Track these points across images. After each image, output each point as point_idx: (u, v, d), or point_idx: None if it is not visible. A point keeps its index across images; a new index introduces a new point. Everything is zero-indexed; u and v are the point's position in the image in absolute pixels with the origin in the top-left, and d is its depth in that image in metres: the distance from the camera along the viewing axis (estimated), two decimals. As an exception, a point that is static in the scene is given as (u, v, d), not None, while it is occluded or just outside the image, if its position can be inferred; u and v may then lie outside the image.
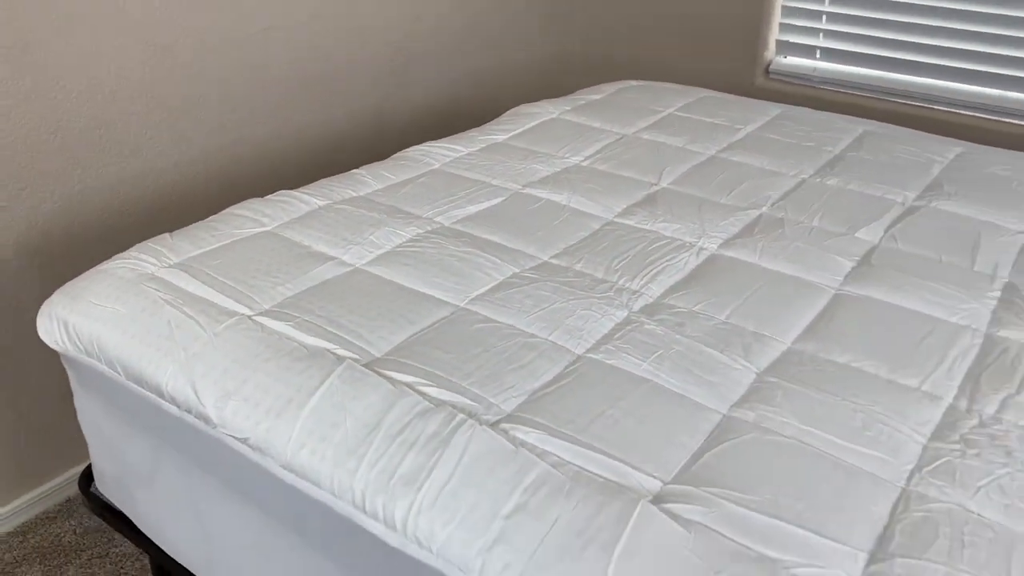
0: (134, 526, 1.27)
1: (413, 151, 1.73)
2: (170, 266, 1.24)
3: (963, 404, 1.03)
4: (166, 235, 1.33)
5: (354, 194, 1.53)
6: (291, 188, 1.99)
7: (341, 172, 2.13)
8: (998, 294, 1.26)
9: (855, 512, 0.86)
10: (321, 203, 1.48)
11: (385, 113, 2.22)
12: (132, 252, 1.27)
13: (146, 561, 1.59)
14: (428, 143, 1.77)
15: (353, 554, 0.95)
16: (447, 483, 0.88)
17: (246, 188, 1.93)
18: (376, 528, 0.89)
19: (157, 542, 1.23)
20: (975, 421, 1.00)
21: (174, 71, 1.70)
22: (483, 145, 1.78)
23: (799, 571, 0.78)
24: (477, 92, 2.51)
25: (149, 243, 1.30)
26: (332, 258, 1.30)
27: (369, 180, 1.59)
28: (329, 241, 1.34)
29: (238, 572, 1.12)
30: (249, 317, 1.13)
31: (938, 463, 0.92)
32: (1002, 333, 1.17)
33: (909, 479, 0.91)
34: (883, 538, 0.83)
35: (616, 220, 1.47)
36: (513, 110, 1.99)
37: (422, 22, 2.23)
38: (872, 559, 0.81)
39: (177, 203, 1.79)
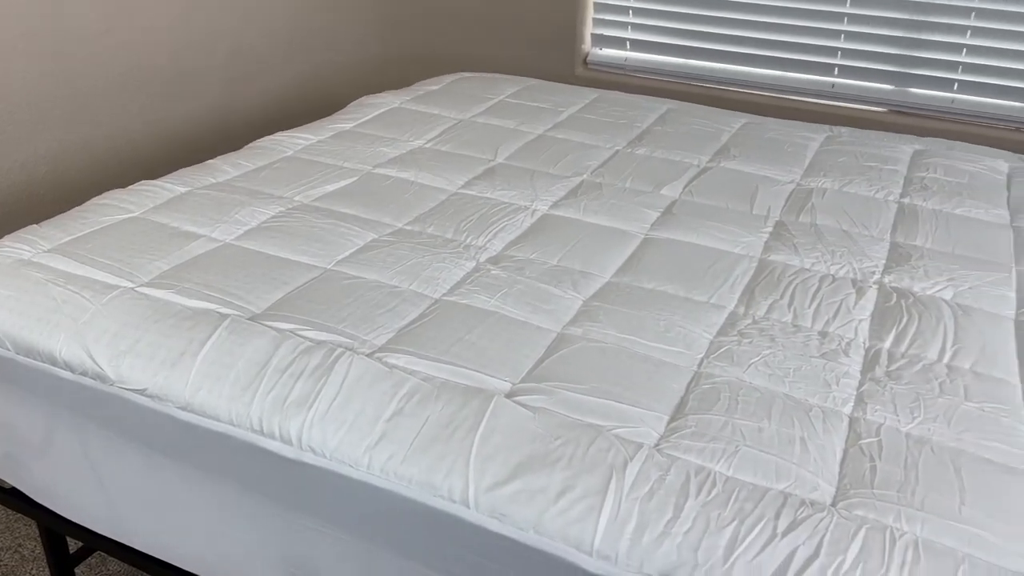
0: (25, 499, 1.35)
1: (265, 141, 1.87)
2: (45, 251, 1.34)
3: (741, 310, 1.33)
4: (34, 226, 1.41)
5: (213, 180, 1.66)
6: (142, 185, 2.06)
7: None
8: (770, 230, 1.59)
9: (660, 390, 1.12)
10: (183, 190, 1.60)
11: (230, 110, 2.32)
12: (4, 242, 1.35)
13: (24, 552, 1.64)
14: (279, 133, 1.91)
15: (253, 474, 1.10)
16: (333, 401, 1.06)
17: (96, 185, 1.99)
18: (274, 446, 1.06)
19: (55, 509, 1.32)
20: (749, 320, 1.30)
21: (15, 74, 1.75)
22: (332, 133, 1.95)
23: (618, 430, 1.03)
24: (317, 88, 2.65)
25: (20, 233, 1.38)
26: (201, 236, 1.43)
27: (226, 168, 1.72)
28: (196, 221, 1.47)
29: (140, 519, 1.24)
30: (132, 289, 1.25)
31: (721, 351, 1.21)
32: (772, 257, 1.49)
33: (700, 364, 1.19)
34: (680, 405, 1.10)
35: (460, 191, 1.69)
36: (357, 101, 2.17)
37: (254, 25, 2.36)
38: (672, 419, 1.07)
39: (26, 202, 1.83)
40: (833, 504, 0.95)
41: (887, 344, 1.25)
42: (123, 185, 2.04)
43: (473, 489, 0.97)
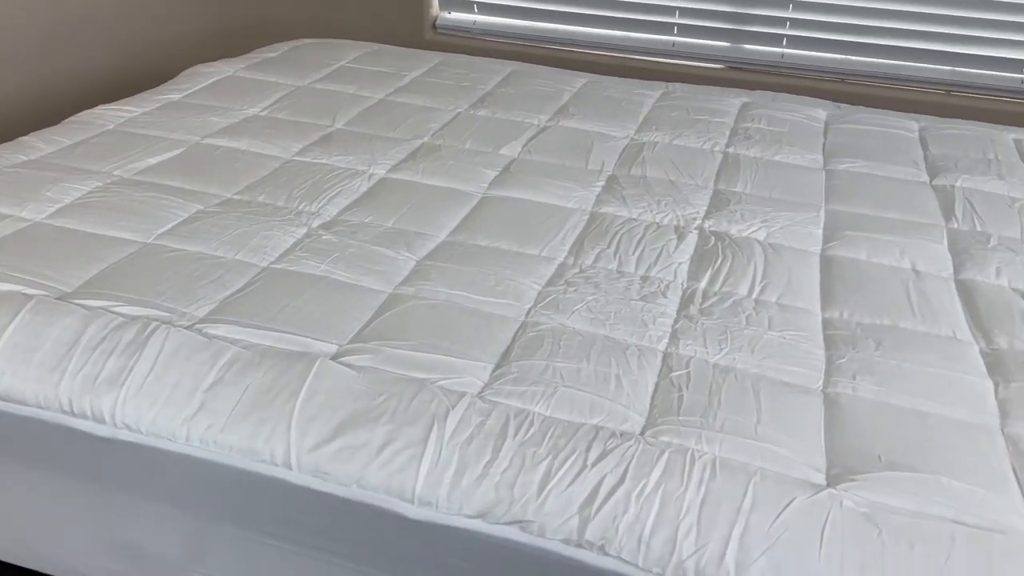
0: None
1: (85, 115, 1.78)
2: None
3: (571, 261, 1.38)
4: None
5: (24, 158, 1.56)
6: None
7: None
8: (602, 183, 1.65)
9: (487, 341, 1.15)
10: (-12, 169, 1.50)
11: (51, 88, 2.19)
12: None
13: None
14: (100, 106, 1.82)
15: (69, 457, 1.07)
16: (148, 375, 1.04)
17: None
18: (86, 426, 1.03)
19: None
20: (577, 270, 1.35)
21: None
22: (158, 104, 1.87)
23: (442, 382, 1.06)
24: (149, 63, 2.53)
25: None
26: (7, 216, 1.36)
27: (39, 145, 1.62)
28: (3, 201, 1.39)
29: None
30: (-76, 275, 1.18)
31: (548, 300, 1.25)
32: (602, 210, 1.55)
33: (527, 314, 1.23)
34: (505, 353, 1.13)
35: (294, 159, 1.67)
36: (188, 70, 2.09)
37: (78, -11, 2.22)
38: (497, 367, 1.11)
39: None
40: (642, 433, 1.01)
41: (703, 284, 1.33)
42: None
43: (295, 451, 0.98)
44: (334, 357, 1.09)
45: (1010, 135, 1.98)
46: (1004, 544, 0.86)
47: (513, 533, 0.93)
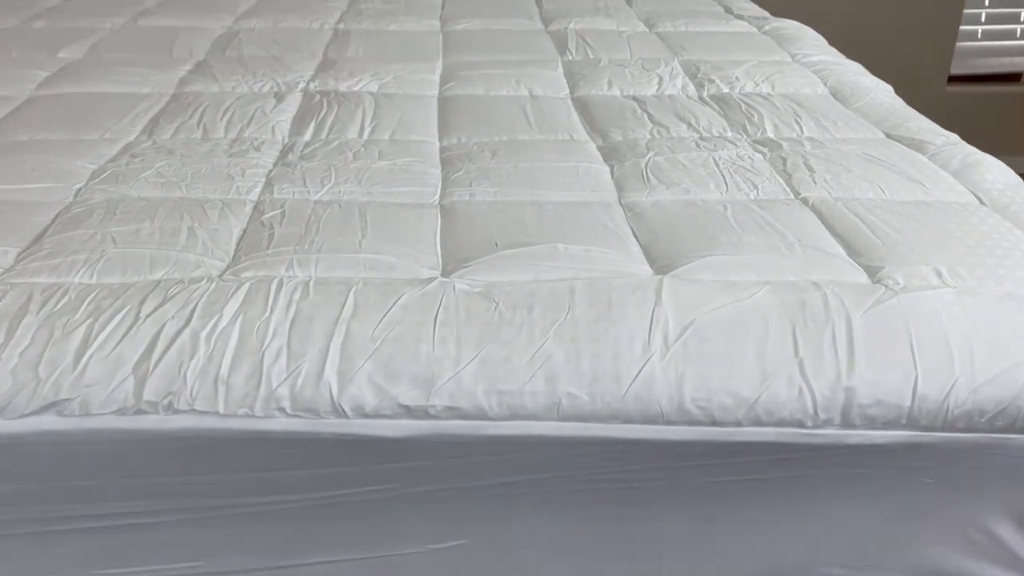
0: None
1: None
2: None
3: (143, 139, 1.16)
4: None
5: None
6: None
7: None
8: (190, 68, 1.44)
9: (13, 228, 0.91)
10: None
11: None
12: None
13: None
14: None
15: None
16: None
17: None
18: None
19: None
20: (149, 143, 1.14)
21: None
22: None
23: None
24: None
25: None
26: None
27: None
28: None
29: None
30: None
31: (105, 175, 1.03)
32: (187, 89, 1.34)
33: (76, 194, 1.00)
34: (40, 235, 0.90)
35: None
36: None
37: None
38: (25, 250, 0.87)
39: None
40: (220, 276, 0.84)
41: (306, 136, 1.18)
42: None
43: None
44: None
45: (620, -18, 2.07)
46: (624, 283, 0.81)
47: (49, 422, 0.71)
